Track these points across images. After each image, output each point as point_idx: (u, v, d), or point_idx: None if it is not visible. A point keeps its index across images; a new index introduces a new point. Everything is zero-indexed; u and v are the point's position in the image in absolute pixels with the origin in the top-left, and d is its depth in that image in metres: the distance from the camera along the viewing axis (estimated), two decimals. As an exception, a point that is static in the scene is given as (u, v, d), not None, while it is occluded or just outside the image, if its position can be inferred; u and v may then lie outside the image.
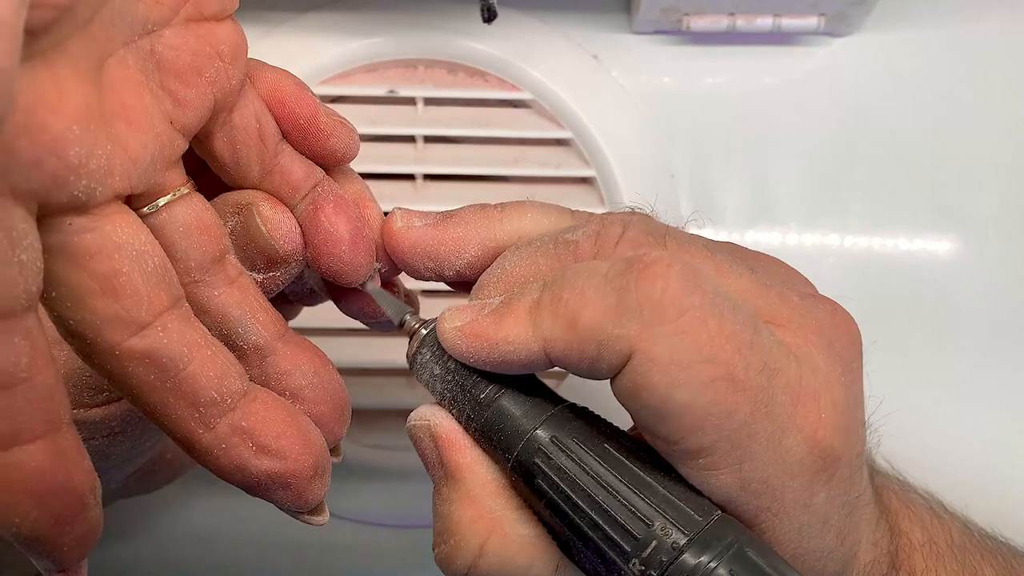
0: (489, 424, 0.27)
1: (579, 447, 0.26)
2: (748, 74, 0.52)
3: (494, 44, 0.49)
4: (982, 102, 0.52)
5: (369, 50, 0.49)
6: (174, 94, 0.24)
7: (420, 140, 0.49)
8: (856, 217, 0.50)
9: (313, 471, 0.26)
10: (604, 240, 0.27)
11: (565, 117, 0.49)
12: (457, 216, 0.30)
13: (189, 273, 0.26)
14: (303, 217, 0.29)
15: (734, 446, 0.24)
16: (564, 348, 0.25)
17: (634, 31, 0.51)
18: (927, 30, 0.52)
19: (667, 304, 0.24)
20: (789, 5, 0.48)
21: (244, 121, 0.27)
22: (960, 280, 0.50)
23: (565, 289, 0.25)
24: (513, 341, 0.26)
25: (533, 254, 0.28)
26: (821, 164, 0.51)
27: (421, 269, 0.30)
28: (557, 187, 0.50)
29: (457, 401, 0.28)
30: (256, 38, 0.49)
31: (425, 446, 0.29)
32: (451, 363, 0.28)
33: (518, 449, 0.26)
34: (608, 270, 0.25)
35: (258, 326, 0.27)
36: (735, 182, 0.51)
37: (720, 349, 0.24)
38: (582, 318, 0.25)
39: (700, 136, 0.51)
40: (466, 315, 0.27)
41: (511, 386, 0.27)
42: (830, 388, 0.26)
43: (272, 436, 0.25)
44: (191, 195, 0.26)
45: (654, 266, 0.25)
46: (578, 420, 0.27)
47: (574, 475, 0.25)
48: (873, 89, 0.52)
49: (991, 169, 0.51)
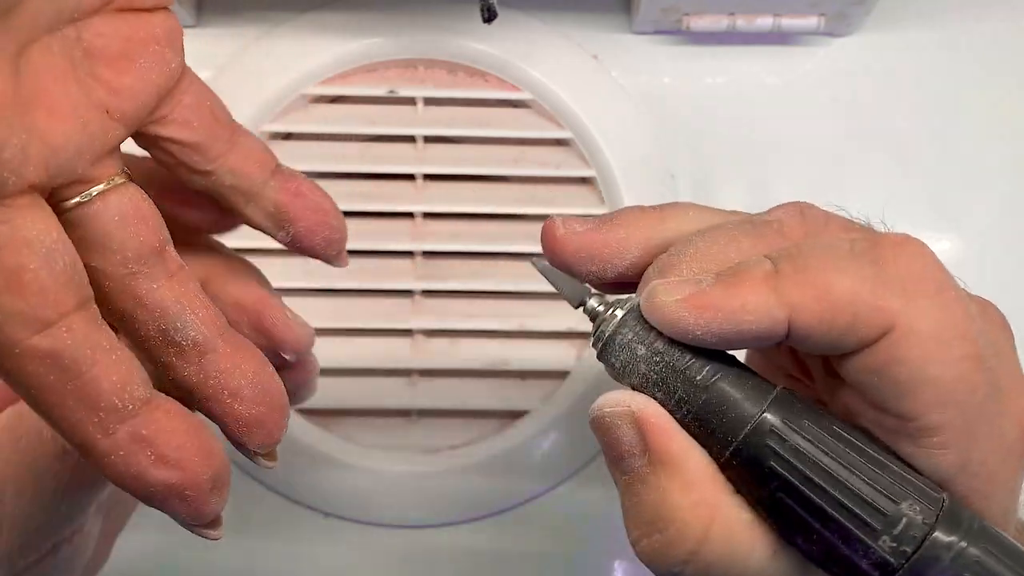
0: (708, 407, 0.26)
1: (812, 426, 0.25)
2: (748, 74, 0.52)
3: (494, 44, 0.49)
4: (982, 102, 0.52)
5: (369, 50, 0.49)
6: (107, 82, 0.24)
7: (420, 140, 0.49)
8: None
9: (211, 484, 0.25)
10: (812, 221, 0.27)
11: (565, 117, 0.49)
12: (617, 219, 0.29)
13: (126, 264, 0.25)
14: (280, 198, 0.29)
15: (966, 424, 0.24)
16: (813, 317, 0.24)
17: (634, 31, 0.51)
18: (927, 30, 0.52)
19: (928, 279, 0.24)
20: (789, 5, 0.48)
21: (197, 100, 0.27)
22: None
23: (811, 259, 0.25)
24: (753, 310, 0.24)
25: (732, 232, 0.27)
26: (821, 164, 0.51)
27: (584, 272, 0.29)
28: (557, 187, 0.50)
29: (666, 383, 0.26)
30: (256, 38, 0.49)
31: (623, 433, 0.26)
32: (659, 342, 0.26)
33: (745, 432, 0.25)
34: (852, 246, 0.25)
35: (197, 322, 0.26)
36: (735, 182, 0.51)
37: (970, 327, 0.24)
38: (836, 288, 0.24)
39: (700, 136, 0.51)
40: (685, 288, 0.25)
41: (729, 366, 0.26)
42: (1020, 374, 0.26)
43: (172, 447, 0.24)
44: (127, 185, 0.25)
45: (909, 243, 0.25)
46: (800, 402, 0.26)
47: (814, 456, 0.25)
48: (873, 89, 0.52)
49: (991, 169, 0.51)
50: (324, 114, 0.50)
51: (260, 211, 0.29)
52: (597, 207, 0.49)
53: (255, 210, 0.29)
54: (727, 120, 0.51)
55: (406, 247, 0.48)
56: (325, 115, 0.50)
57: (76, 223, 0.25)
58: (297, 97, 0.49)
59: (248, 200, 0.29)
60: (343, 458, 0.47)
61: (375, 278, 0.48)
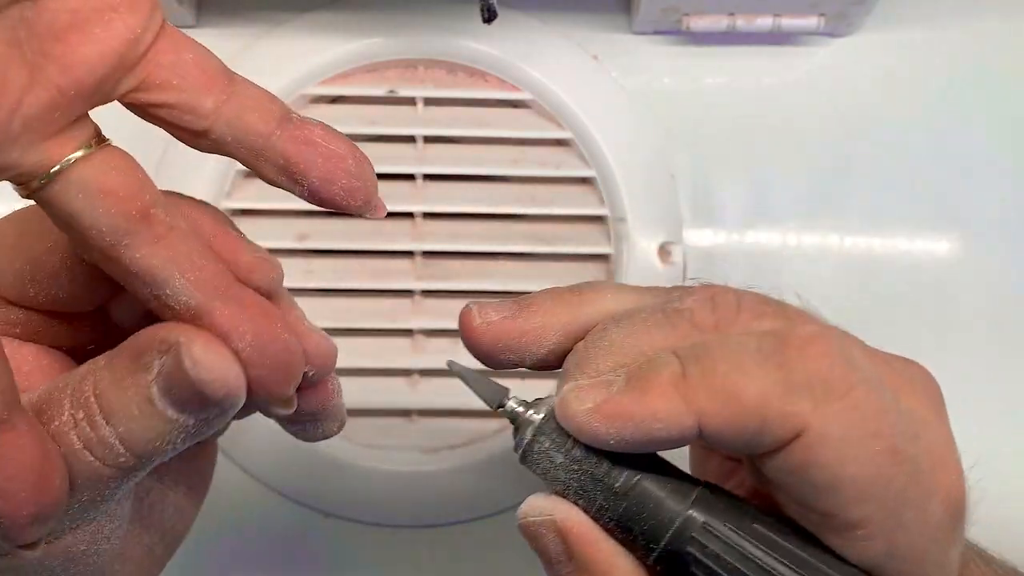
0: (628, 514, 0.26)
1: (731, 531, 0.25)
2: (748, 74, 0.52)
3: (494, 44, 0.49)
4: (982, 102, 0.52)
5: (369, 50, 0.49)
6: (59, 58, 0.23)
7: (420, 140, 0.49)
8: (856, 217, 0.50)
9: (31, 520, 0.24)
10: (722, 308, 0.27)
11: (565, 117, 0.49)
12: (535, 305, 0.29)
13: (103, 238, 0.24)
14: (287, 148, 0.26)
15: (889, 515, 0.25)
16: (722, 423, 0.24)
17: (634, 31, 0.51)
18: (927, 30, 0.52)
19: (836, 380, 0.24)
20: (789, 5, 0.48)
21: (176, 58, 0.25)
22: (960, 280, 0.50)
23: (719, 362, 0.25)
24: (663, 418, 0.24)
25: (644, 323, 0.27)
26: (821, 164, 0.51)
27: (503, 362, 0.29)
28: (557, 187, 0.50)
29: (587, 492, 0.26)
30: (256, 38, 0.49)
31: (548, 541, 0.27)
32: (576, 450, 0.26)
33: (666, 539, 0.25)
34: (760, 344, 0.25)
35: (189, 286, 0.25)
36: (735, 182, 0.51)
37: (882, 423, 0.24)
38: (745, 394, 0.24)
39: (700, 136, 0.51)
40: (595, 394, 0.25)
41: (646, 470, 0.26)
42: (949, 448, 0.26)
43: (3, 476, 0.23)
44: (89, 158, 0.24)
45: (815, 343, 0.24)
46: (721, 501, 0.26)
47: (734, 560, 0.25)
48: (873, 89, 0.52)
49: (991, 169, 0.51)
50: (324, 114, 0.50)
51: (270, 166, 0.26)
52: (597, 207, 0.49)
53: (267, 166, 0.26)
54: (727, 120, 0.51)
55: (406, 247, 0.48)
56: (325, 115, 0.50)
57: (44, 203, 0.24)
58: (297, 97, 0.49)
59: (257, 156, 0.26)
60: (343, 458, 0.47)
61: (375, 278, 0.48)
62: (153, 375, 0.25)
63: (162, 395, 0.25)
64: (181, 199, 0.27)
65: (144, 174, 0.25)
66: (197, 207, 0.28)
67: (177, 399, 0.25)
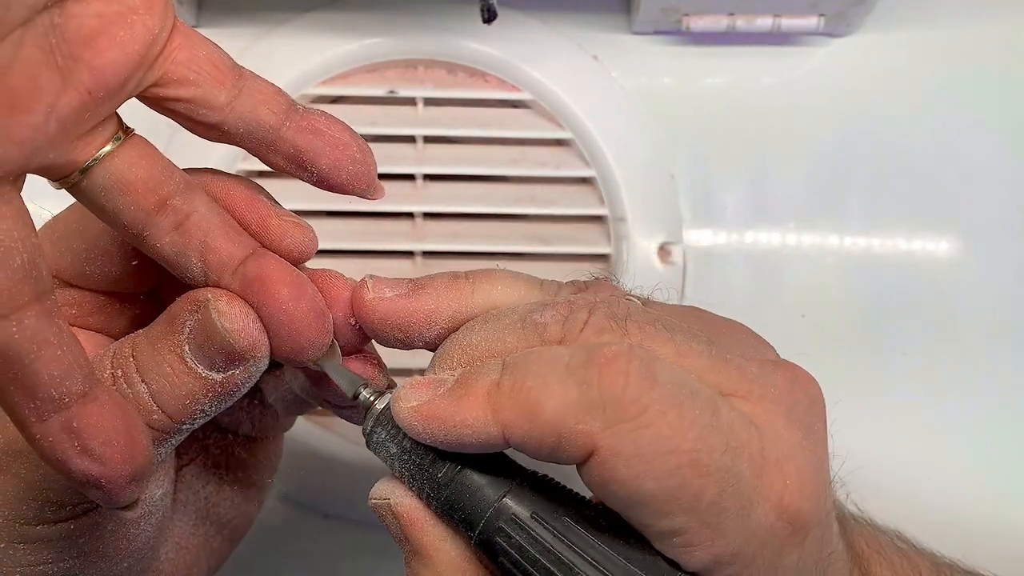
0: (449, 502, 0.27)
1: (539, 524, 0.26)
2: (748, 74, 0.52)
3: (494, 44, 0.49)
4: (982, 102, 0.52)
5: (369, 50, 0.49)
6: (88, 62, 0.24)
7: (420, 140, 0.49)
8: (856, 217, 0.50)
9: (129, 479, 0.25)
10: (571, 325, 0.27)
11: (565, 117, 0.49)
12: (429, 287, 0.29)
13: (126, 230, 0.26)
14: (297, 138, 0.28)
15: (705, 525, 0.25)
16: (523, 436, 0.25)
17: (634, 31, 0.51)
18: (927, 30, 0.52)
19: (628, 401, 0.25)
20: (789, 5, 0.48)
21: (191, 55, 0.26)
22: (960, 280, 0.50)
23: (528, 377, 0.26)
24: (471, 425, 0.26)
25: (500, 331, 0.28)
26: (821, 164, 0.51)
27: (391, 340, 0.30)
28: (557, 187, 0.50)
29: (416, 480, 0.28)
30: (256, 38, 0.49)
31: (389, 523, 0.29)
32: (407, 442, 0.28)
33: (479, 527, 0.27)
34: (570, 359, 0.26)
35: (203, 266, 0.27)
36: (735, 182, 0.51)
37: (682, 439, 0.25)
38: (543, 410, 0.25)
39: (700, 136, 0.51)
40: (422, 393, 0.27)
41: (469, 464, 0.27)
42: (793, 454, 0.27)
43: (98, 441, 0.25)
44: (112, 155, 0.25)
45: (615, 362, 0.25)
46: (537, 494, 0.27)
47: (536, 552, 0.26)
48: (873, 89, 0.52)
49: (991, 169, 0.51)
50: (324, 114, 0.50)
51: (281, 156, 0.28)
52: (597, 207, 0.49)
53: (276, 156, 0.28)
54: (727, 120, 0.51)
55: (406, 247, 0.48)
56: (325, 115, 0.50)
57: (78, 196, 0.26)
58: (298, 97, 0.49)
59: (267, 146, 0.28)
60: (343, 458, 0.47)
61: (375, 278, 0.48)
62: (185, 335, 0.27)
63: (192, 352, 0.27)
64: (213, 177, 0.29)
65: (165, 161, 0.27)
66: (228, 181, 0.29)
67: (207, 354, 0.27)
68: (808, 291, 0.50)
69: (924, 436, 0.46)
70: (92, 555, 0.30)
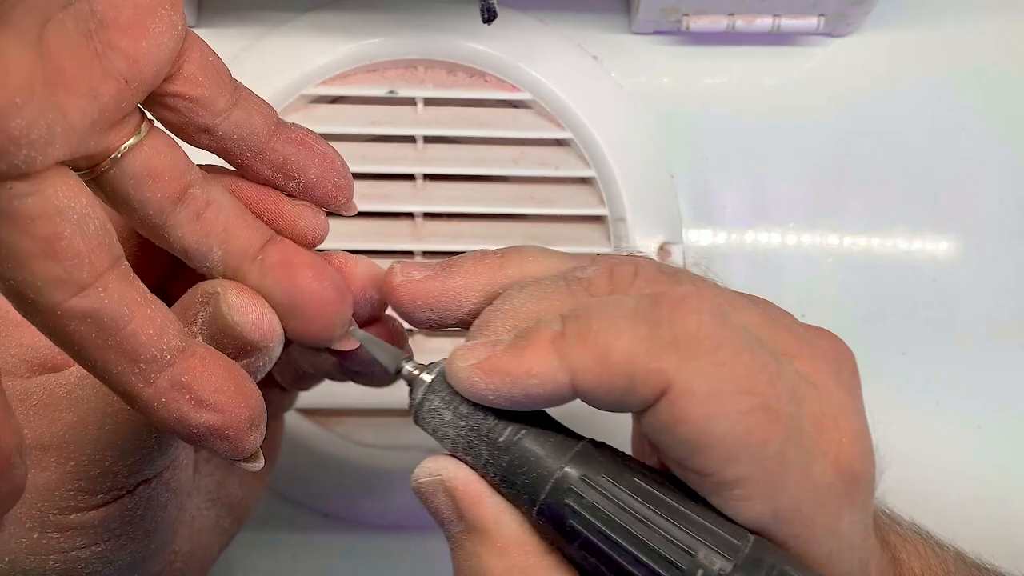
0: (511, 468, 0.26)
1: (610, 483, 0.25)
2: (748, 74, 0.52)
3: (494, 44, 0.49)
4: (981, 102, 0.52)
5: (369, 50, 0.49)
6: (125, 51, 0.24)
7: (420, 140, 0.49)
8: (855, 217, 0.50)
9: (249, 423, 0.26)
10: (618, 277, 0.27)
11: (565, 117, 0.49)
12: (457, 266, 0.29)
13: (148, 220, 0.26)
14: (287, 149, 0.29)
15: (768, 475, 0.24)
16: (594, 380, 0.25)
17: (634, 31, 0.51)
18: (927, 30, 0.52)
19: (703, 337, 0.24)
20: (789, 5, 0.48)
21: (201, 56, 0.27)
22: (960, 280, 0.50)
23: (593, 320, 0.25)
24: (538, 374, 0.25)
25: (544, 290, 0.27)
26: (821, 164, 0.51)
27: (424, 320, 0.29)
28: (557, 187, 0.50)
29: (473, 447, 0.27)
30: (256, 38, 0.49)
31: (439, 501, 0.28)
32: (463, 407, 0.27)
33: (546, 491, 0.26)
34: (636, 304, 0.25)
35: (223, 254, 0.27)
36: (735, 182, 0.51)
37: (755, 380, 0.24)
38: (614, 350, 0.24)
39: (700, 136, 0.51)
40: (480, 351, 0.26)
41: (530, 425, 0.26)
42: (846, 414, 0.26)
43: (210, 391, 0.25)
44: (139, 145, 0.26)
45: (686, 300, 0.25)
46: (603, 455, 0.26)
47: (610, 512, 0.25)
48: (873, 89, 0.52)
49: (991, 169, 0.51)
50: (324, 114, 0.50)
51: (268, 165, 0.29)
52: (597, 207, 0.49)
53: (263, 164, 0.29)
54: (727, 120, 0.51)
55: (406, 247, 0.48)
56: (325, 115, 0.50)
57: (102, 187, 0.26)
58: (297, 97, 0.49)
59: (255, 155, 0.28)
60: (343, 458, 0.47)
61: (375, 278, 0.48)
62: (199, 327, 0.27)
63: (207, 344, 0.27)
64: (224, 171, 0.29)
65: (183, 153, 0.27)
66: (233, 173, 0.29)
67: (220, 346, 0.27)
68: (808, 291, 0.50)
69: (924, 436, 0.46)
70: (123, 538, 0.30)
